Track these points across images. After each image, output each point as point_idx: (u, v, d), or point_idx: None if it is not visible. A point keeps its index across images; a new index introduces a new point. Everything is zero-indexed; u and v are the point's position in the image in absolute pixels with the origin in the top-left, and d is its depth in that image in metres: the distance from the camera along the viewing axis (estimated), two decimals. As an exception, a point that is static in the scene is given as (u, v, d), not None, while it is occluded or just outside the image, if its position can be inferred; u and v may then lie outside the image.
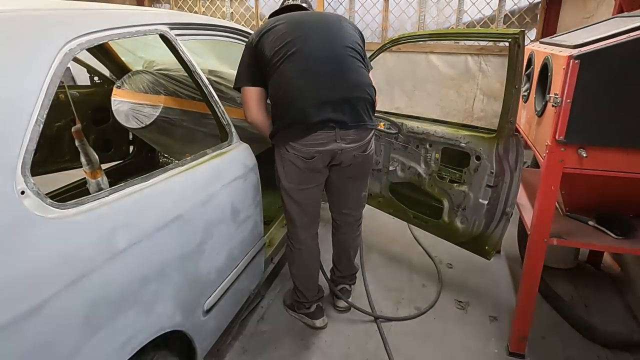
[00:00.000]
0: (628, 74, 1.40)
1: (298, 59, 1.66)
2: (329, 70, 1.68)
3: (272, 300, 2.25)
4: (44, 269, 0.88)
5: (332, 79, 1.68)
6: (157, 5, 5.64)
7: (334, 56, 1.71)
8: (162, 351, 1.29)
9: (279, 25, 1.72)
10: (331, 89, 1.67)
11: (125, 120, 2.53)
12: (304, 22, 1.76)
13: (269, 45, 1.70)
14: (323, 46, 1.71)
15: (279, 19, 1.76)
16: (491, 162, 1.97)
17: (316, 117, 1.64)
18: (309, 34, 1.72)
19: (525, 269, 1.78)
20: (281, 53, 1.67)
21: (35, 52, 0.98)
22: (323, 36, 1.74)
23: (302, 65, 1.66)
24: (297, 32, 1.70)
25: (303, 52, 1.67)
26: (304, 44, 1.68)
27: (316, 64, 1.68)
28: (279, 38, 1.69)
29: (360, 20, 4.74)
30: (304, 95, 1.65)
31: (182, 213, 1.29)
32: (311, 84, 1.66)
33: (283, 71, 1.66)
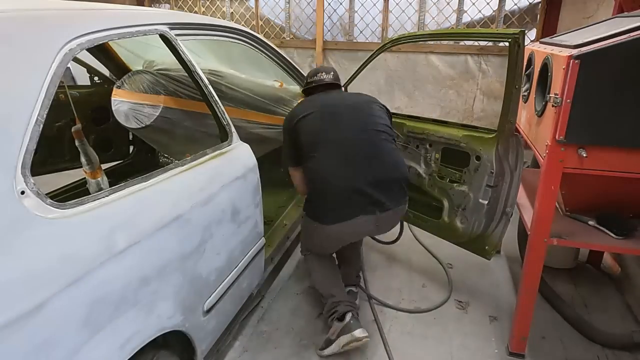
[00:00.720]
0: (628, 74, 1.40)
1: (334, 149, 1.82)
2: (365, 155, 1.83)
3: (272, 300, 2.25)
4: (44, 269, 0.88)
5: (369, 163, 1.82)
6: (157, 5, 5.64)
7: (368, 142, 1.86)
8: (162, 351, 1.29)
9: (312, 114, 1.87)
10: (369, 173, 1.80)
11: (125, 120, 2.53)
12: (336, 111, 1.90)
13: (305, 137, 1.86)
14: (356, 133, 1.85)
15: (312, 106, 1.92)
16: (491, 162, 1.97)
17: (356, 203, 1.78)
18: (342, 121, 1.87)
19: (525, 269, 1.78)
20: (316, 144, 1.83)
21: (35, 52, 0.98)
22: (355, 122, 1.88)
23: (339, 154, 1.81)
24: (330, 122, 1.86)
25: (338, 141, 1.83)
26: (339, 133, 1.84)
27: (352, 151, 1.82)
28: (312, 131, 1.86)
29: (360, 20, 4.74)
30: (344, 183, 1.79)
31: (182, 213, 1.29)
32: (348, 171, 1.80)
33: (320, 160, 1.82)
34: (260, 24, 5.15)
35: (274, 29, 5.12)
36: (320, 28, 4.78)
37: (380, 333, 2.02)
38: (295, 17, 5.00)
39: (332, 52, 4.90)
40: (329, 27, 4.87)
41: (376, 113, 1.95)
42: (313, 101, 1.98)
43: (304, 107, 1.94)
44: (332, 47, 4.87)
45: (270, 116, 2.55)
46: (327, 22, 4.84)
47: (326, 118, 1.87)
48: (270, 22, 5.12)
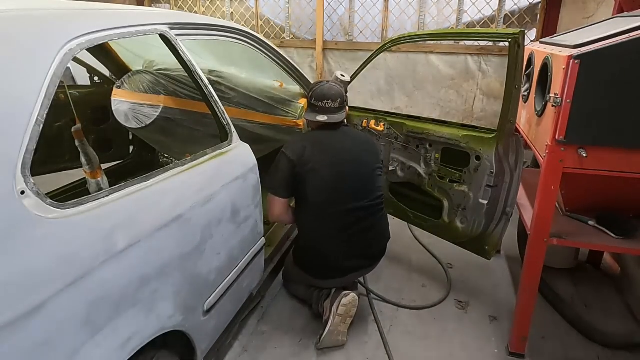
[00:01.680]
0: (628, 74, 1.40)
1: (337, 217, 1.90)
2: (363, 228, 1.95)
3: (272, 300, 2.25)
4: (44, 269, 0.88)
5: (365, 236, 1.97)
6: (157, 5, 5.64)
7: (367, 214, 1.96)
8: (162, 351, 1.29)
9: (322, 170, 1.87)
10: (364, 245, 1.98)
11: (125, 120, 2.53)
12: (343, 173, 1.91)
13: (310, 190, 1.88)
14: (358, 205, 1.92)
15: (322, 155, 1.89)
16: (491, 162, 1.97)
17: (348, 267, 1.99)
18: (348, 188, 1.92)
19: (525, 269, 1.78)
20: (320, 204, 1.90)
21: (35, 52, 0.98)
22: (359, 191, 1.94)
23: (341, 224, 1.91)
24: (337, 187, 1.90)
25: (342, 211, 1.90)
26: (343, 203, 1.90)
27: (353, 222, 1.92)
28: (320, 188, 1.88)
29: (360, 20, 4.74)
30: (340, 252, 1.94)
31: (182, 213, 1.29)
32: (344, 241, 1.93)
33: (322, 222, 1.91)
34: (260, 24, 5.15)
35: (274, 29, 5.12)
36: (320, 28, 4.78)
37: (380, 333, 2.02)
38: (295, 17, 5.00)
39: (332, 52, 4.90)
40: (329, 27, 4.87)
41: (378, 183, 2.02)
42: (322, 148, 1.91)
43: (313, 150, 1.88)
44: (332, 47, 4.87)
45: (270, 116, 2.55)
46: (327, 22, 4.84)
47: (333, 185, 1.89)
48: (270, 22, 5.12)
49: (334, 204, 1.90)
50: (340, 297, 1.91)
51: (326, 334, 1.87)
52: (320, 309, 1.99)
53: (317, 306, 2.02)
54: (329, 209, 1.90)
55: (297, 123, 2.55)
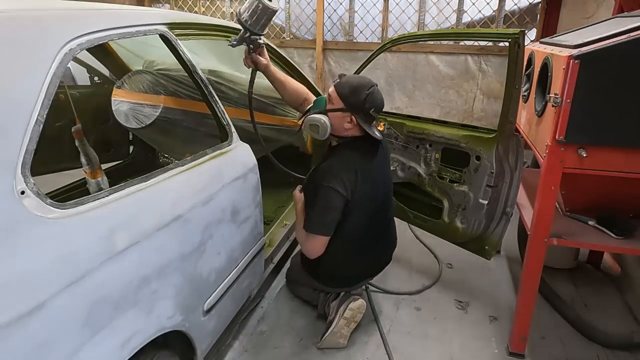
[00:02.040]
0: (628, 74, 1.40)
1: (372, 236, 1.90)
2: (387, 239, 2.03)
3: (272, 300, 2.25)
4: (44, 269, 0.88)
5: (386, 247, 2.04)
6: (157, 5, 5.64)
7: (390, 227, 2.03)
8: (162, 351, 1.29)
9: (364, 190, 1.72)
10: (384, 257, 2.05)
11: (125, 120, 2.53)
12: (380, 195, 1.85)
13: (353, 211, 1.74)
14: (386, 220, 1.98)
15: (366, 171, 1.72)
16: (491, 162, 1.97)
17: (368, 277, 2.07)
18: (383, 209, 1.92)
19: (525, 269, 1.78)
20: (361, 226, 1.81)
21: (35, 52, 0.98)
22: (386, 207, 1.96)
23: (373, 240, 1.91)
24: (377, 204, 1.84)
25: (379, 230, 1.93)
26: (380, 224, 1.93)
27: (382, 236, 1.96)
28: (361, 209, 1.77)
29: (360, 20, 4.74)
30: (366, 269, 2.00)
31: (182, 213, 1.29)
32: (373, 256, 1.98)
33: (358, 242, 1.86)
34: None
35: (274, 29, 5.12)
36: (320, 28, 4.78)
37: (380, 333, 2.01)
38: (295, 17, 5.00)
39: (332, 52, 4.90)
40: (329, 27, 4.87)
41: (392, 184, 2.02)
42: (368, 172, 1.74)
43: (362, 181, 1.70)
44: (332, 47, 4.87)
45: (270, 116, 2.55)
46: (327, 22, 4.84)
47: (374, 210, 1.83)
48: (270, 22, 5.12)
49: (369, 232, 1.86)
50: (348, 301, 1.89)
51: (328, 335, 1.87)
52: (326, 309, 1.99)
53: (323, 307, 2.01)
54: (364, 238, 1.86)
55: (297, 123, 2.55)
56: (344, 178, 1.66)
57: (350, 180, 1.67)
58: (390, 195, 1.97)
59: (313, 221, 1.71)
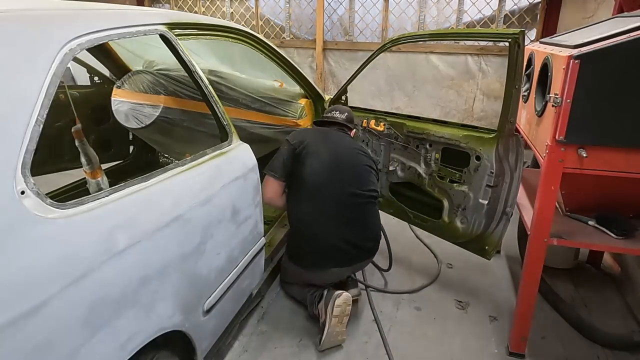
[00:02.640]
0: (628, 74, 1.40)
1: (325, 202, 1.96)
2: (349, 217, 1.98)
3: (272, 300, 2.25)
4: (44, 268, 0.88)
5: (351, 225, 1.98)
6: (157, 5, 5.64)
7: (355, 204, 1.99)
8: (162, 351, 1.29)
9: (319, 155, 1.98)
10: (348, 233, 1.96)
11: (125, 120, 2.53)
12: (338, 163, 1.99)
13: (305, 171, 1.96)
14: (347, 193, 1.97)
15: (321, 143, 2.02)
16: (491, 162, 1.97)
17: (331, 256, 1.97)
18: (340, 178, 1.97)
19: (525, 269, 1.78)
20: (311, 188, 1.96)
21: (35, 52, 0.98)
22: (351, 181, 1.99)
23: (327, 208, 1.96)
24: (330, 173, 1.97)
25: (331, 196, 1.96)
26: (333, 188, 1.96)
27: (340, 208, 1.97)
28: (313, 172, 1.96)
29: (360, 20, 4.74)
30: (324, 235, 1.95)
31: (182, 213, 1.29)
32: (331, 225, 1.96)
33: (311, 206, 1.97)
34: (260, 24, 5.15)
35: (274, 29, 5.12)
36: (320, 28, 4.78)
37: (380, 333, 2.01)
38: (295, 17, 5.00)
39: (332, 52, 4.91)
40: (329, 27, 4.87)
41: (371, 178, 2.07)
42: (322, 137, 2.07)
43: (314, 138, 2.04)
44: (332, 47, 4.87)
45: (270, 116, 2.55)
46: (327, 22, 4.84)
47: (328, 166, 1.97)
48: (270, 22, 5.12)
49: (328, 185, 1.96)
50: (333, 298, 1.89)
51: (325, 337, 1.87)
52: (315, 311, 1.98)
53: (311, 308, 2.01)
54: (323, 190, 1.96)
55: (297, 123, 2.55)
56: (296, 134, 2.07)
57: (303, 134, 2.06)
58: (358, 169, 2.05)
59: (267, 165, 2.02)
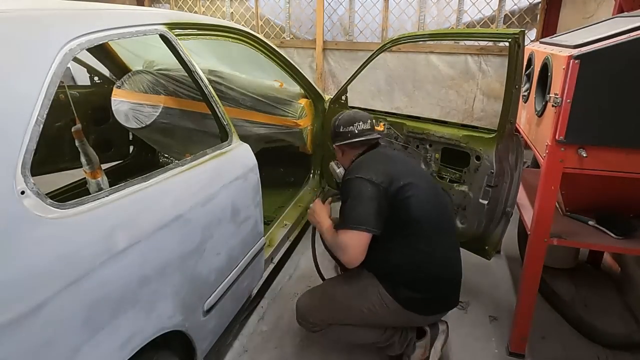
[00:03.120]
0: (628, 74, 1.40)
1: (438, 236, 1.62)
2: (452, 247, 1.70)
3: (272, 300, 2.25)
4: (44, 269, 0.88)
5: (456, 256, 1.70)
6: (157, 5, 5.64)
7: (453, 232, 1.74)
8: (162, 351, 1.29)
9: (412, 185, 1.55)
10: (456, 267, 1.69)
11: (125, 120, 2.53)
12: (428, 187, 1.64)
13: (409, 212, 1.54)
14: (447, 220, 1.72)
15: (404, 171, 1.60)
16: (491, 162, 1.97)
17: (452, 300, 1.67)
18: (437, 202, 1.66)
19: (525, 269, 1.78)
20: (422, 224, 1.56)
21: (35, 52, 0.98)
22: (443, 206, 1.71)
23: (442, 242, 1.63)
24: (429, 201, 1.60)
25: (441, 229, 1.64)
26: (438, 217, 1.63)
27: (449, 242, 1.68)
28: (417, 207, 1.55)
29: (360, 20, 4.74)
30: (448, 274, 1.63)
31: (182, 213, 1.29)
32: (450, 262, 1.66)
33: (429, 244, 1.58)
34: (260, 24, 5.15)
35: (274, 29, 5.12)
36: (320, 28, 4.78)
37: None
38: (295, 17, 5.00)
39: (332, 52, 4.90)
40: (329, 27, 4.87)
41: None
42: (397, 162, 1.66)
43: (395, 167, 1.61)
44: (332, 47, 4.87)
45: (270, 116, 2.55)
46: (327, 22, 4.84)
47: (432, 197, 1.63)
48: (270, 22, 5.12)
49: (439, 217, 1.64)
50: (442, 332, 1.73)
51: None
52: (410, 351, 1.72)
53: (403, 347, 1.72)
54: (436, 223, 1.61)
55: (297, 123, 2.56)
56: (372, 168, 1.56)
57: (382, 167, 1.57)
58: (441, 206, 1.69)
59: (346, 215, 1.52)
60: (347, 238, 1.49)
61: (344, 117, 1.76)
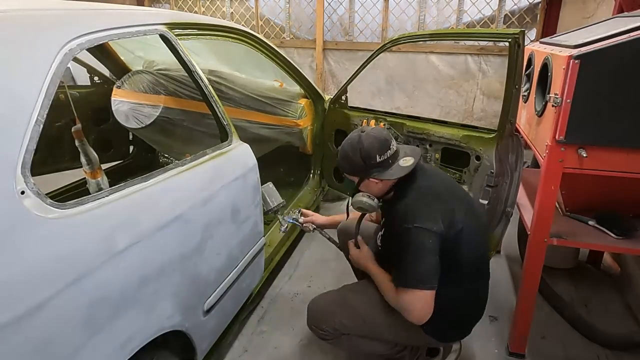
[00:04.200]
0: (628, 74, 1.40)
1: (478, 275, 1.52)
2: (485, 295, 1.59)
3: (272, 300, 2.25)
4: (44, 269, 0.88)
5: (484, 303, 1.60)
6: (157, 5, 5.65)
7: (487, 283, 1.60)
8: (162, 351, 1.29)
9: (465, 225, 1.39)
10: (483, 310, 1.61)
11: (125, 120, 2.54)
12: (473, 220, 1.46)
13: (463, 248, 1.40)
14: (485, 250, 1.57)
15: (447, 194, 1.44)
16: (491, 162, 1.97)
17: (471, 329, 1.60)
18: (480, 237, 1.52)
19: (525, 269, 1.78)
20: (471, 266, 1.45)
21: (35, 52, 0.98)
22: (484, 236, 1.59)
23: (480, 278, 1.53)
24: (478, 238, 1.49)
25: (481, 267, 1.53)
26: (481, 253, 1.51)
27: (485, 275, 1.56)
28: (472, 248, 1.44)
29: (360, 20, 4.74)
30: (476, 314, 1.58)
31: (182, 213, 1.29)
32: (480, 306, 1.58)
33: (473, 284, 1.49)
34: (260, 24, 5.15)
35: (274, 29, 5.12)
36: (320, 28, 4.79)
37: (380, 333, 2.01)
38: (295, 17, 5.00)
39: (332, 52, 4.91)
40: (329, 27, 4.87)
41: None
42: (441, 193, 1.44)
43: (451, 206, 1.40)
44: (332, 47, 4.88)
45: (270, 116, 2.55)
46: (327, 22, 4.84)
47: (478, 227, 1.50)
48: (270, 22, 5.12)
49: (483, 254, 1.52)
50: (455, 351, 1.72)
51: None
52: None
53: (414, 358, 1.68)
54: (482, 257, 1.52)
55: (297, 123, 2.56)
56: (430, 210, 1.37)
57: (444, 211, 1.38)
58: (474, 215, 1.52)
59: (406, 274, 1.36)
60: (412, 299, 1.35)
61: (375, 143, 1.43)
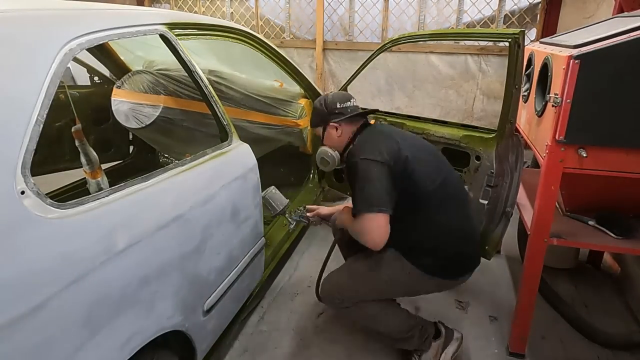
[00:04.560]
0: (628, 74, 1.40)
1: (453, 201, 1.62)
2: (467, 207, 1.70)
3: (272, 300, 2.25)
4: (44, 269, 0.88)
5: (471, 217, 1.71)
6: (157, 5, 5.64)
7: (465, 193, 1.74)
8: (162, 351, 1.29)
9: (417, 156, 1.55)
10: (474, 228, 1.72)
11: (125, 120, 2.54)
12: (431, 154, 1.65)
13: (419, 184, 1.53)
14: (457, 182, 1.70)
15: (403, 143, 1.56)
16: (491, 162, 1.97)
17: (474, 261, 1.68)
18: (443, 168, 1.65)
19: (525, 269, 1.78)
20: (432, 193, 1.55)
21: (35, 52, 0.98)
22: (450, 170, 1.69)
23: (458, 206, 1.64)
24: (437, 168, 1.61)
25: (453, 192, 1.63)
26: (449, 181, 1.61)
27: (464, 203, 1.69)
28: (426, 177, 1.55)
29: (360, 20, 4.74)
30: (467, 238, 1.65)
31: (182, 213, 1.29)
32: (468, 225, 1.67)
33: (446, 212, 1.59)
34: (260, 24, 5.15)
35: (274, 29, 5.12)
36: (320, 28, 4.78)
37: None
38: (295, 17, 5.00)
39: (332, 52, 4.91)
40: (329, 27, 4.87)
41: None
42: (391, 135, 1.62)
43: (397, 142, 1.56)
44: (332, 47, 4.87)
45: (270, 116, 2.55)
46: (327, 22, 4.84)
47: (437, 164, 1.63)
48: (270, 22, 5.12)
49: (449, 182, 1.62)
50: (455, 340, 1.78)
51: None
52: (424, 347, 1.75)
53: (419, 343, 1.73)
54: (449, 190, 1.60)
55: (297, 123, 2.56)
56: (377, 146, 1.53)
57: (388, 145, 1.53)
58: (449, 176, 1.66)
59: (357, 200, 1.50)
60: (365, 223, 1.47)
61: (336, 95, 1.75)
